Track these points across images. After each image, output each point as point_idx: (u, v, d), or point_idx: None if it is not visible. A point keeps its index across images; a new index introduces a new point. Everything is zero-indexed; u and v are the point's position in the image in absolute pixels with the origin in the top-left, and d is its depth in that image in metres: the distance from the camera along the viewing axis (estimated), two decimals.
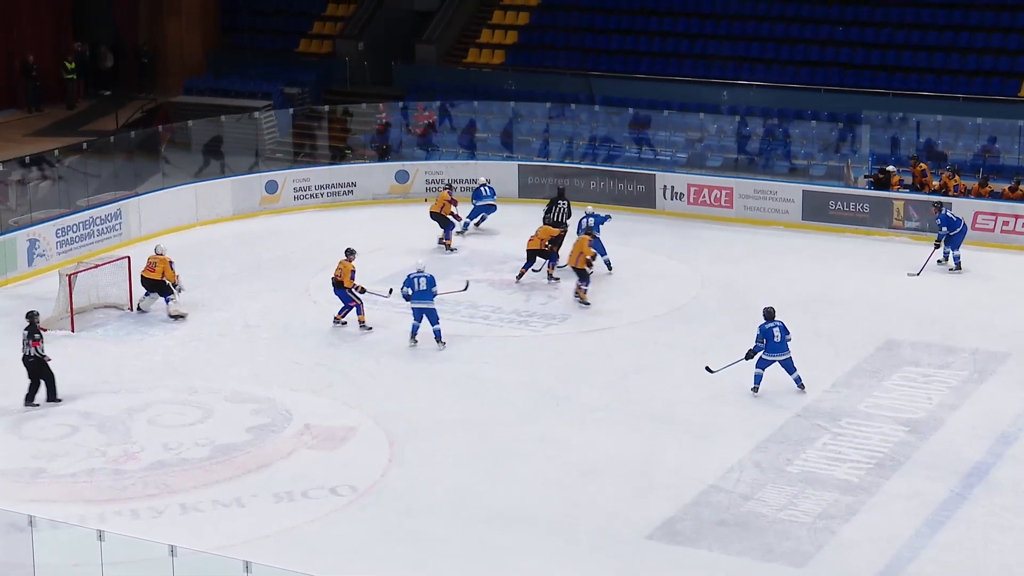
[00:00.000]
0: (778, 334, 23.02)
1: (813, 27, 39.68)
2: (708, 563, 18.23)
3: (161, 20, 45.11)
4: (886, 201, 32.77)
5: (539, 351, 25.67)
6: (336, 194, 35.63)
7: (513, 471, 20.78)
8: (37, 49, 42.28)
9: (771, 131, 37.13)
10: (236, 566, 14.48)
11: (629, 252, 31.44)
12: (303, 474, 20.75)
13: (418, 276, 25.43)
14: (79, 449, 21.58)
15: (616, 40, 41.26)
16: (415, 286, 25.28)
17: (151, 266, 27.12)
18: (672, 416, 22.64)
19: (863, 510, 19.55)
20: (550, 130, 38.67)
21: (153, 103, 42.53)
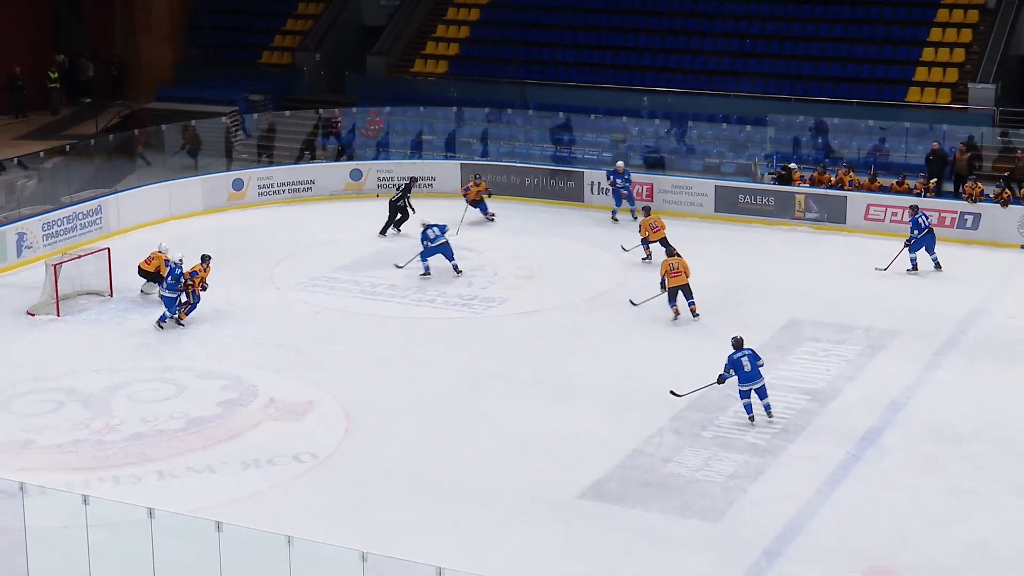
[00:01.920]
0: (747, 363, 21.04)
1: (724, 40, 39.86)
2: (633, 519, 18.32)
3: (134, 35, 44.73)
4: (789, 195, 33.00)
5: (479, 333, 25.67)
6: (296, 191, 35.47)
7: (456, 445, 20.74)
8: (20, 60, 41.81)
9: (686, 132, 37.27)
10: (209, 526, 14.43)
11: (560, 242, 31.52)
12: (268, 443, 20.67)
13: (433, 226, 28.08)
14: (65, 422, 21.41)
15: (548, 52, 41.29)
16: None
17: (149, 259, 26.98)
18: (598, 391, 22.68)
19: (770, 471, 19.69)
20: (489, 133, 38.66)
21: (128, 109, 42.15)
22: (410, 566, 14.11)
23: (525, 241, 31.56)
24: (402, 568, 14.16)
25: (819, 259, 30.24)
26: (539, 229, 32.56)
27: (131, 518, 15.03)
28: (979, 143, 34.53)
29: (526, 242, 31.48)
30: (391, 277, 28.62)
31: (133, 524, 14.85)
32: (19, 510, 15.20)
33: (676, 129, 37.39)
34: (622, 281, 28.59)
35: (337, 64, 43.43)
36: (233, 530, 14.54)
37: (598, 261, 30.17)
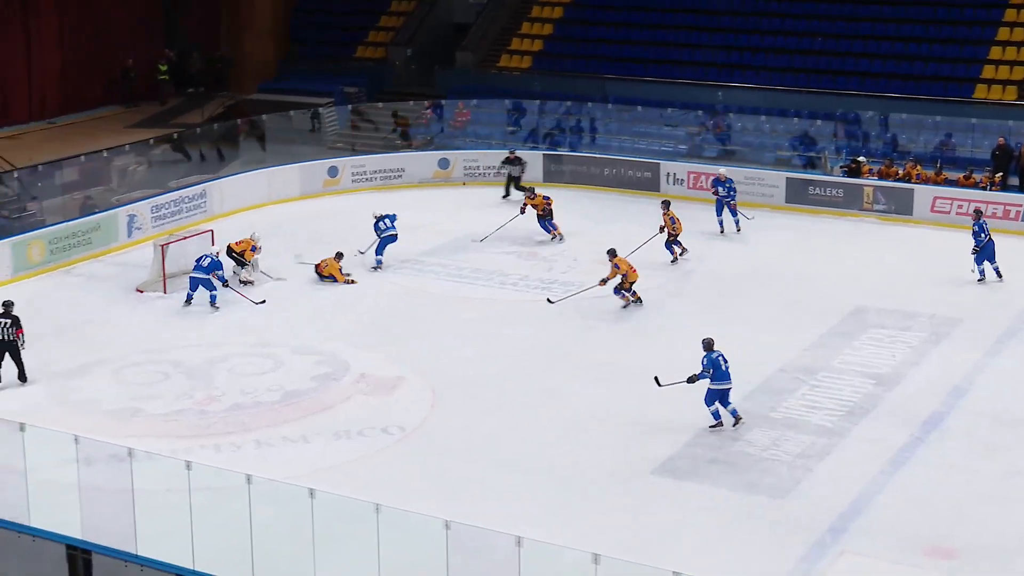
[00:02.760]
0: (723, 363, 20.24)
1: (796, 38, 39.42)
2: (702, 494, 18.26)
3: (239, 31, 45.14)
4: (857, 187, 32.62)
5: (558, 314, 25.63)
6: (388, 178, 35.60)
7: (534, 419, 20.78)
8: (133, 54, 42.36)
9: (759, 127, 36.96)
10: (302, 493, 14.56)
11: (637, 231, 31.33)
12: (359, 416, 20.83)
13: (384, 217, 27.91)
14: (170, 393, 21.71)
15: (627, 49, 41.03)
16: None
17: (239, 241, 27.37)
18: (670, 371, 22.45)
19: (835, 451, 19.53)
20: (569, 125, 38.57)
21: (232, 100, 42.55)
22: (490, 534, 14.14)
23: (603, 228, 31.43)
24: (483, 536, 14.19)
25: (885, 249, 29.85)
26: (616, 217, 32.40)
27: (230, 483, 15.18)
28: None
29: (604, 229, 31.34)
30: (475, 260, 28.67)
31: (232, 489, 14.99)
32: (128, 474, 15.42)
33: (749, 123, 37.08)
34: (694, 268, 28.43)
35: (427, 59, 43.51)
36: (325, 497, 14.65)
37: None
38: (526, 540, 13.52)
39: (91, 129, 39.01)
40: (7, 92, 38.72)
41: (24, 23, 39.05)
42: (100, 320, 25.20)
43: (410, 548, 14.68)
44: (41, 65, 39.67)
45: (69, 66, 40.75)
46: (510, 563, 13.53)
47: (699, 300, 26.23)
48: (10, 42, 38.66)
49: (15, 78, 38.90)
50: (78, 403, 21.34)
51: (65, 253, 28.41)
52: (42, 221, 29.67)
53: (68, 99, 40.71)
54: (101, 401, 21.38)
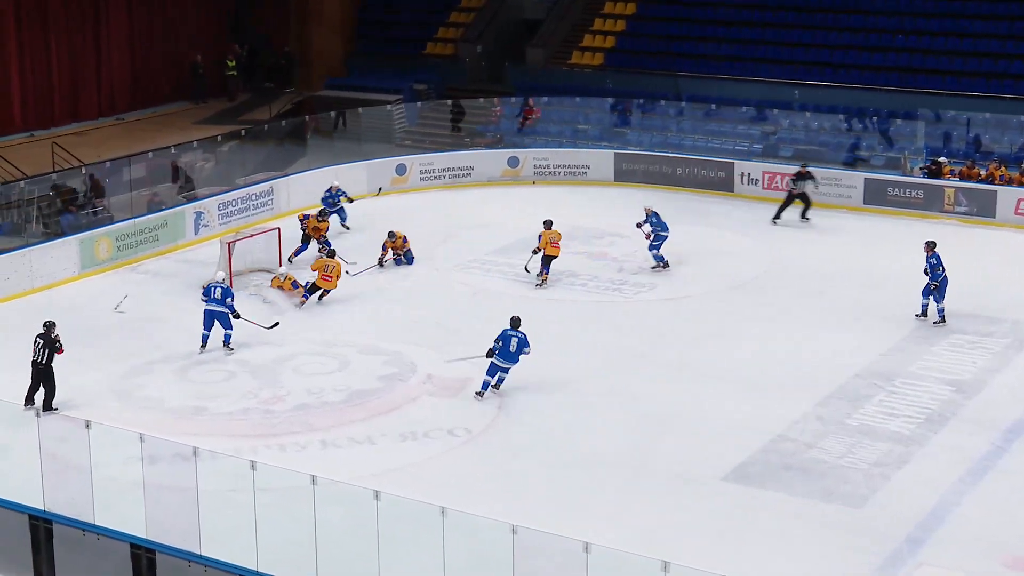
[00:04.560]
0: (515, 344, 20.99)
1: (876, 35, 38.99)
2: (775, 502, 18.08)
3: (307, 28, 45.43)
4: (938, 188, 32.20)
5: (628, 316, 25.55)
6: (456, 176, 35.66)
7: (602, 422, 20.72)
8: (202, 50, 42.75)
9: (837, 126, 36.62)
10: (367, 495, 14.57)
11: (709, 231, 31.21)
12: (425, 417, 20.87)
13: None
14: (235, 392, 21.86)
15: (701, 46, 40.83)
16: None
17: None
18: (742, 374, 22.44)
19: (913, 460, 19.28)
20: (642, 123, 38.45)
21: (300, 97, 42.81)
22: (558, 539, 14.08)
23: (675, 229, 31.15)
24: (550, 541, 14.14)
25: (967, 252, 29.40)
26: (689, 218, 32.21)
27: (295, 484, 15.23)
28: None
29: (676, 230, 31.08)
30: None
31: (297, 490, 15.05)
32: (192, 473, 15.53)
33: (826, 122, 36.75)
34: (768, 269, 28.21)
35: (497, 55, 43.55)
36: (390, 499, 14.67)
37: (745, 250, 29.80)
38: (594, 546, 13.45)
39: (159, 125, 39.41)
40: (77, 89, 39.21)
41: (95, 20, 39.54)
42: (165, 318, 25.43)
43: (476, 552, 14.69)
44: (111, 62, 40.13)
45: (138, 63, 41.19)
46: (577, 568, 13.47)
47: (774, 302, 26.01)
48: (81, 39, 39.16)
49: (85, 75, 39.38)
50: (143, 401, 21.55)
51: (132, 250, 28.73)
52: (109, 218, 30.03)
53: (137, 96, 41.15)
54: (165, 399, 21.58)
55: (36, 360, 20.77)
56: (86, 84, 39.51)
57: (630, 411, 21.04)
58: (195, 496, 15.41)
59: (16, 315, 24.95)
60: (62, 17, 38.37)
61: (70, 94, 39.09)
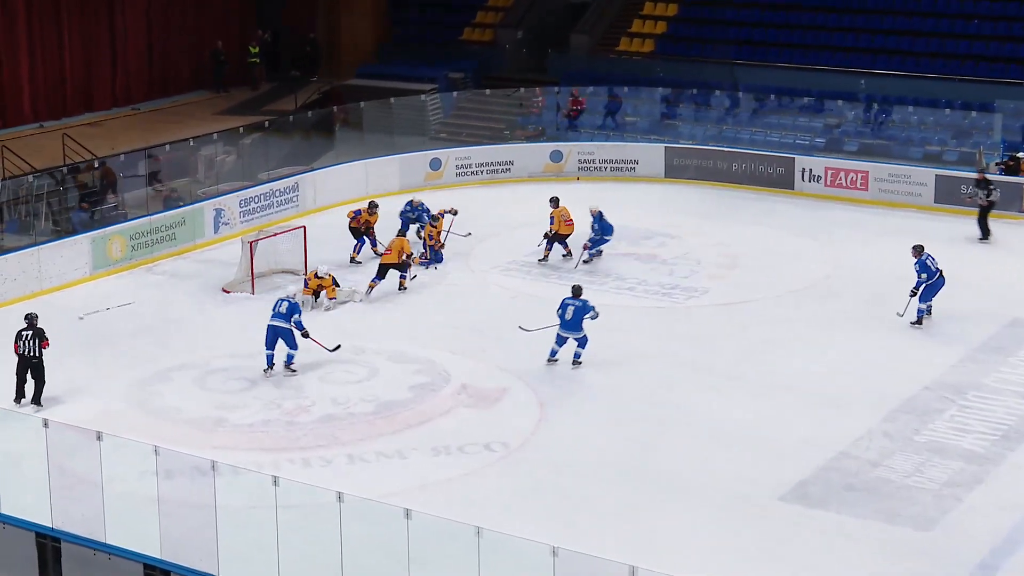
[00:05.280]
0: (571, 312, 22.73)
1: (948, 20, 38.80)
2: (837, 524, 18.01)
3: (337, 13, 45.60)
4: (1016, 186, 32.02)
5: (679, 322, 25.51)
6: (495, 172, 35.74)
7: (650, 436, 20.70)
8: (224, 36, 42.98)
9: (906, 118, 36.45)
10: (397, 513, 14.59)
11: (767, 231, 31.12)
12: (459, 430, 20.90)
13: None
14: (257, 402, 21.97)
15: (758, 32, 40.78)
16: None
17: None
18: (803, 386, 22.38)
19: (988, 479, 19.16)
20: (695, 115, 38.40)
21: (328, 86, 42.95)
22: (602, 563, 14.07)
23: (729, 229, 31.22)
24: (593, 564, 14.12)
25: None
26: (745, 217, 32.18)
27: (320, 501, 15.29)
28: None
29: (730, 230, 31.15)
30: (589, 263, 28.58)
31: (322, 507, 15.10)
32: (211, 488, 15.61)
33: (895, 114, 36.58)
34: (831, 273, 28.09)
35: (540, 42, 43.58)
36: (422, 518, 14.68)
37: (805, 251, 29.70)
38: (641, 570, 13.43)
39: (178, 116, 39.64)
40: (91, 76, 39.46)
41: (110, 4, 39.80)
42: (183, 322, 25.60)
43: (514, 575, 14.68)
44: (126, 48, 40.37)
45: (156, 49, 41.40)
46: None
47: (837, 309, 25.91)
48: (95, 24, 39.43)
49: (99, 61, 39.63)
50: (159, 411, 21.68)
51: (147, 249, 28.93)
52: (123, 215, 30.22)
53: (154, 84, 41.39)
54: (183, 409, 21.70)
55: (26, 354, 21.19)
56: (100, 72, 39.78)
57: (680, 425, 21.02)
58: (213, 513, 15.49)
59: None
60: (74, 1, 38.64)
61: (83, 82, 39.35)
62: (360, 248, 29.01)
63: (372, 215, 29.19)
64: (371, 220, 29.14)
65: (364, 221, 29.06)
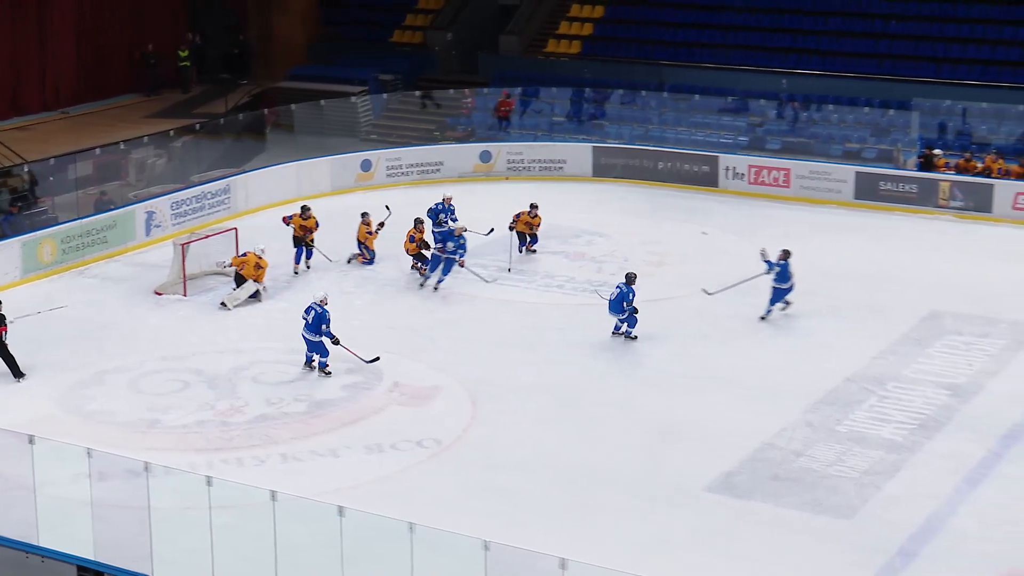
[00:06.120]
0: (615, 294, 23.81)
1: (866, 21, 39.23)
2: (762, 513, 18.19)
3: (268, 15, 45.40)
4: (933, 183, 32.44)
5: (608, 319, 25.58)
6: (425, 172, 35.71)
7: (582, 431, 20.79)
8: (156, 39, 42.64)
9: (827, 117, 36.82)
10: (331, 511, 14.60)
11: (693, 229, 31.32)
12: (392, 428, 20.89)
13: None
14: (190, 403, 21.84)
15: (683, 33, 41.04)
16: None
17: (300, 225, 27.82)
18: (733, 379, 22.58)
19: (907, 467, 19.43)
20: (622, 115, 38.58)
21: (258, 88, 42.75)
22: (532, 556, 14.15)
23: (656, 227, 31.42)
24: (524, 558, 14.20)
25: (963, 249, 29.68)
26: (671, 215, 32.38)
27: (254, 501, 15.28)
28: None
29: (658, 227, 31.34)
30: (519, 261, 28.67)
31: (256, 507, 15.09)
32: (144, 490, 15.52)
33: (815, 113, 36.93)
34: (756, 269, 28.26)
35: (470, 44, 43.60)
36: (355, 515, 14.69)
37: (731, 248, 29.93)
38: (571, 562, 13.51)
39: (109, 119, 39.31)
40: (19, 79, 39.03)
41: (38, 6, 39.37)
42: (115, 325, 25.40)
43: (447, 570, 14.72)
44: (56, 50, 39.97)
45: (86, 52, 41.03)
46: None
47: (762, 304, 26.06)
48: (23, 25, 38.99)
49: (27, 64, 39.19)
50: (92, 414, 21.51)
51: (78, 252, 28.65)
52: (54, 218, 29.94)
53: (84, 87, 41.00)
54: (116, 412, 21.54)
55: None
56: (29, 75, 39.35)
57: (610, 420, 21.13)
58: (147, 514, 15.41)
59: None
60: (3, 3, 38.19)
61: (11, 86, 38.91)
62: (300, 257, 28.24)
63: (306, 219, 28.28)
64: (307, 224, 28.22)
65: (300, 225, 28.20)
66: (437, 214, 28.79)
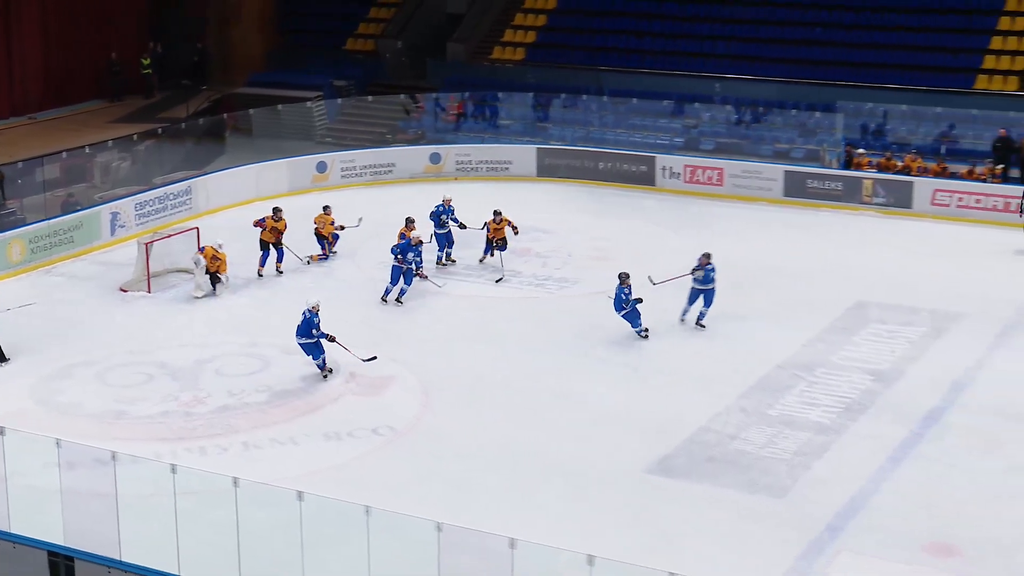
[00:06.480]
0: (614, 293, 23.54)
1: (793, 28, 39.45)
2: (699, 494, 18.29)
3: (226, 24, 45.10)
4: (857, 180, 32.69)
5: (554, 312, 25.68)
6: (378, 173, 35.62)
7: (529, 419, 20.81)
8: (120, 47, 42.29)
9: (757, 119, 37.01)
10: (290, 496, 14.57)
11: (633, 224, 31.43)
12: (349, 417, 20.85)
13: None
14: (155, 394, 21.71)
15: (622, 40, 41.07)
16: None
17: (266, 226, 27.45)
18: (670, 368, 22.68)
19: (834, 448, 19.58)
20: (564, 118, 38.63)
21: (218, 95, 42.47)
22: (483, 536, 14.17)
23: (598, 223, 31.49)
24: (475, 538, 14.22)
25: (885, 243, 29.93)
26: (612, 212, 32.46)
27: (216, 487, 15.20)
28: None
29: (599, 224, 31.42)
30: (467, 258, 28.66)
31: (218, 493, 15.02)
32: (111, 478, 15.41)
33: (747, 115, 37.12)
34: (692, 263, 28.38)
35: (419, 51, 43.48)
36: (314, 499, 14.67)
37: (670, 243, 30.04)
38: (519, 541, 13.54)
39: (75, 124, 38.95)
40: None
41: (4, 15, 38.95)
42: (83, 321, 25.20)
43: (401, 551, 14.72)
44: (23, 59, 39.57)
45: (52, 60, 40.64)
46: (503, 565, 13.56)
47: None
48: None
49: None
50: (61, 406, 21.34)
51: (46, 252, 28.39)
52: (23, 219, 29.66)
53: (51, 94, 40.62)
54: (84, 404, 21.38)
55: None
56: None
57: (556, 407, 21.16)
58: (114, 501, 15.29)
59: None
60: None
61: None
62: (266, 260, 27.68)
63: (278, 221, 27.73)
64: (279, 226, 27.70)
65: (272, 228, 27.65)
66: (439, 215, 28.40)
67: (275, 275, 27.62)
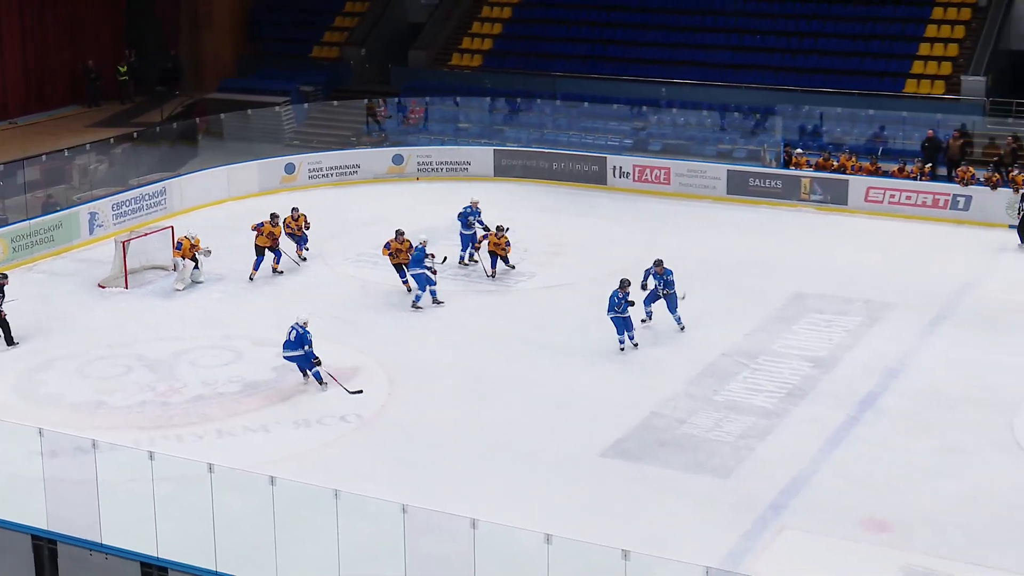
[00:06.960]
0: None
1: (737, 35, 39.57)
2: (650, 476, 18.33)
3: (198, 32, 44.80)
4: (795, 178, 32.82)
5: (511, 304, 25.66)
6: (343, 174, 35.46)
7: (489, 406, 20.81)
8: (97, 56, 41.93)
9: (701, 121, 37.10)
10: (263, 480, 14.50)
11: (586, 221, 31.44)
12: (318, 405, 20.75)
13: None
14: (133, 385, 21.55)
15: (574, 47, 41.08)
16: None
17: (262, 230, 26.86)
18: (622, 356, 22.69)
19: (776, 431, 19.66)
20: (520, 120, 38.59)
21: (191, 100, 42.20)
22: (446, 517, 14.14)
23: (553, 220, 31.49)
24: (439, 519, 14.19)
25: (822, 238, 30.08)
26: (566, 209, 32.46)
27: (192, 472, 15.11)
28: (971, 131, 34.25)
29: (554, 221, 31.42)
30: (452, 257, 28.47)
31: (194, 478, 14.93)
32: (92, 465, 15.29)
33: (692, 118, 37.20)
34: (643, 257, 28.44)
35: (382, 58, 43.36)
36: (285, 484, 14.60)
37: (620, 238, 30.08)
38: (481, 522, 13.52)
39: (54, 129, 38.61)
40: None
41: None
42: (63, 316, 24.97)
43: (369, 532, 14.69)
44: (3, 65, 39.19)
45: (32, 67, 40.28)
46: (466, 545, 13.54)
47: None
48: None
49: None
50: (43, 397, 21.15)
51: (28, 250, 28.13)
52: (4, 219, 29.37)
53: (31, 99, 40.25)
54: (66, 395, 21.20)
55: None
56: None
57: (515, 395, 21.15)
58: (95, 487, 15.17)
59: None
60: None
61: None
62: (259, 264, 26.98)
63: (276, 227, 27.08)
64: (276, 232, 27.03)
65: (269, 233, 26.90)
66: (466, 217, 28.00)
67: (271, 275, 27.26)
